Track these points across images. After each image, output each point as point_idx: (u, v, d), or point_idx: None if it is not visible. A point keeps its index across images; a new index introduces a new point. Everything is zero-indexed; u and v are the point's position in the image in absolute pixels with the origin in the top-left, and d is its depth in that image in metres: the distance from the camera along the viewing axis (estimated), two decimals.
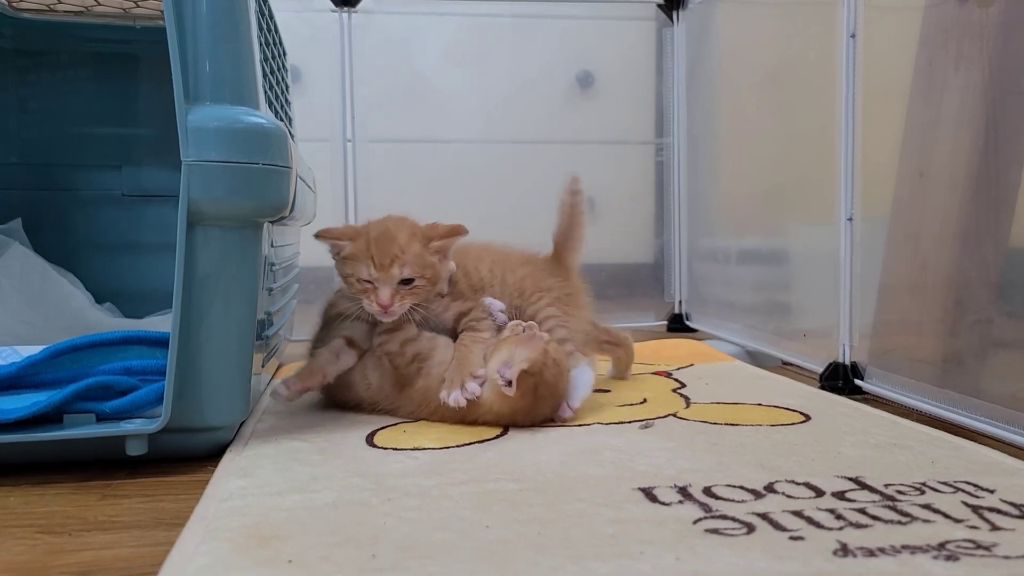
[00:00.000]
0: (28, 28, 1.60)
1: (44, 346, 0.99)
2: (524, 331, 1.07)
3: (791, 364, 1.56)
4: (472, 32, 2.27)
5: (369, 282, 1.07)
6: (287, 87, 1.55)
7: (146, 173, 1.69)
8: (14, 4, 1.54)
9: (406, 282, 1.07)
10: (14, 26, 1.60)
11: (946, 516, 0.74)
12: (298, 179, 1.11)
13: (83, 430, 0.90)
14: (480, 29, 2.27)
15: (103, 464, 0.90)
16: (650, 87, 2.31)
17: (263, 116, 0.98)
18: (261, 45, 1.11)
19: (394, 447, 1.00)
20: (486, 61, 2.27)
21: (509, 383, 1.02)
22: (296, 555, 0.67)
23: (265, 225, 1.03)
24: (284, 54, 1.55)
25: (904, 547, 0.67)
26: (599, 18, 2.30)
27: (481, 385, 1.06)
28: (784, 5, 1.72)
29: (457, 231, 1.11)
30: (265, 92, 1.10)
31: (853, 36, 1.30)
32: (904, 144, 1.30)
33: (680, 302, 2.19)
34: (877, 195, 1.34)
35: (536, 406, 1.06)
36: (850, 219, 1.33)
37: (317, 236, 1.11)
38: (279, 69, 1.42)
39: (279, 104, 1.36)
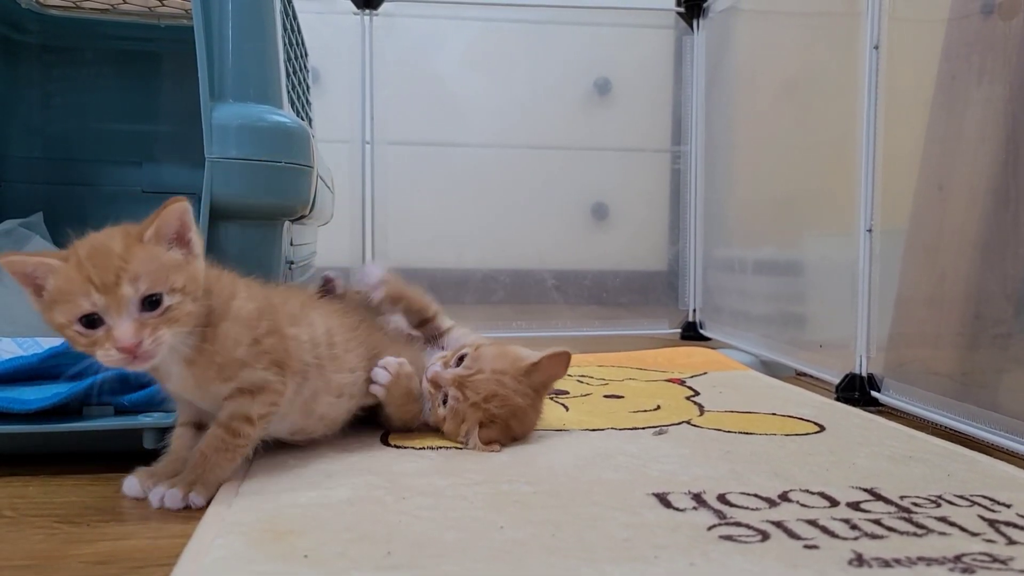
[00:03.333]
0: (54, 24, 1.62)
1: None
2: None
3: (805, 375, 1.56)
4: (491, 36, 2.28)
5: (94, 321, 0.71)
6: (308, 87, 1.56)
7: (166, 170, 1.70)
8: (41, 1, 1.56)
9: (151, 303, 0.72)
10: (40, 22, 1.61)
11: (962, 529, 0.74)
12: (318, 179, 1.11)
13: (101, 422, 0.90)
14: (499, 34, 2.28)
15: (121, 456, 0.91)
16: (667, 95, 2.31)
17: (286, 115, 0.99)
18: (285, 45, 1.12)
19: (408, 446, 1.00)
20: (505, 66, 2.28)
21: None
22: (311, 550, 0.67)
23: (285, 223, 1.04)
24: (306, 55, 1.56)
25: (920, 559, 0.67)
26: (618, 25, 2.31)
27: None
28: (805, 16, 1.72)
29: (175, 205, 0.75)
30: (288, 92, 1.11)
31: (876, 47, 1.30)
32: (924, 156, 1.30)
33: (694, 310, 2.19)
34: (895, 207, 1.34)
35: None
36: (869, 230, 1.33)
37: (3, 264, 0.73)
38: (301, 69, 1.43)
39: (300, 104, 1.37)
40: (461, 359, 1.02)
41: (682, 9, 2.20)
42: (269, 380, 0.83)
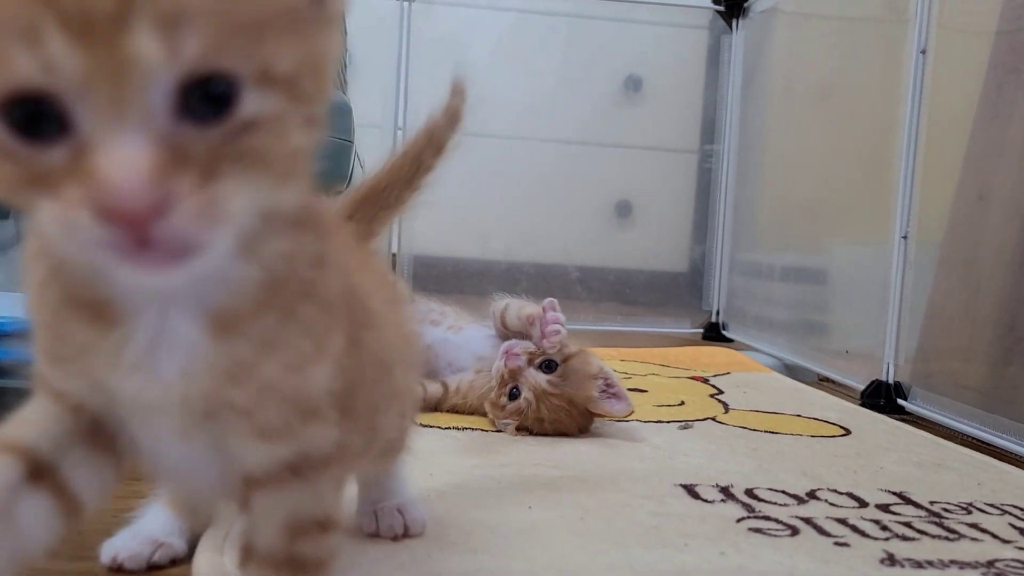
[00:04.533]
0: None
1: None
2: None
3: (829, 380, 1.55)
4: (525, 28, 2.28)
5: (42, 117, 0.27)
6: (345, 67, 1.56)
7: None
8: None
9: (210, 99, 0.28)
10: None
11: (994, 536, 0.73)
12: (356, 155, 1.11)
13: None
14: (533, 25, 2.27)
15: None
16: (698, 95, 2.29)
17: None
18: None
19: (433, 425, 1.01)
20: (536, 58, 2.27)
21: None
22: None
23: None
24: (345, 33, 1.57)
25: (952, 562, 0.66)
26: (653, 23, 2.29)
27: None
28: (848, 20, 1.70)
29: None
30: None
31: (923, 52, 1.29)
32: (965, 165, 1.28)
33: (717, 312, 2.18)
34: (931, 216, 1.32)
35: None
36: (904, 237, 1.31)
37: None
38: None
39: (338, 83, 1.37)
40: (550, 365, 1.00)
41: (722, 8, 2.18)
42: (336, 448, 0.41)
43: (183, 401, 0.34)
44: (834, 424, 1.14)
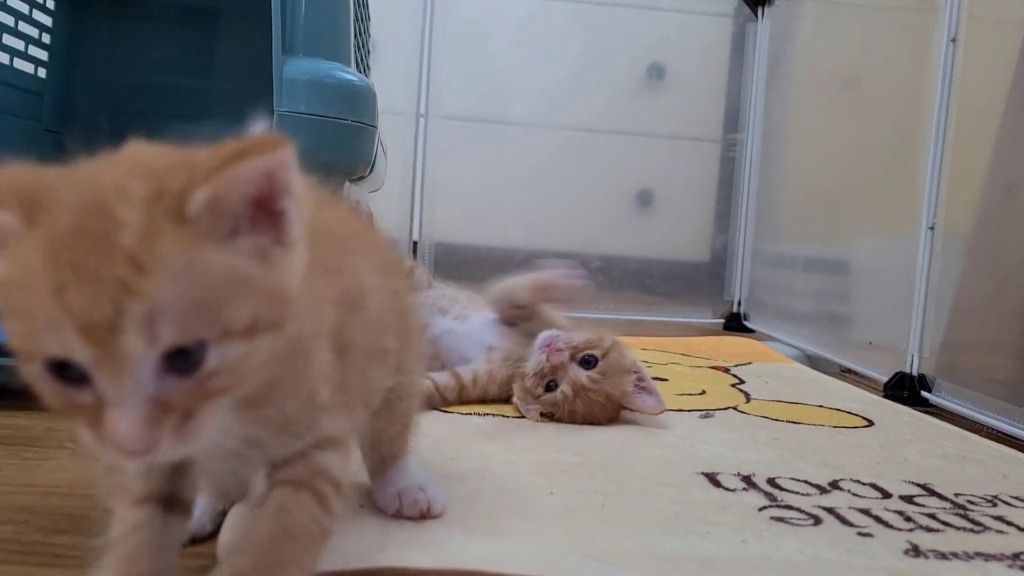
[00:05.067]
0: None
1: None
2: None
3: (851, 371, 1.53)
4: (547, 14, 2.26)
5: (71, 371, 0.35)
6: (368, 52, 1.56)
7: (221, 127, 1.72)
8: None
9: (183, 357, 0.36)
10: None
11: (1020, 529, 0.72)
12: (379, 140, 1.12)
13: None
14: (556, 12, 2.26)
15: None
16: (721, 84, 2.27)
17: (354, 73, 0.99)
18: (353, 5, 1.12)
19: (454, 411, 1.01)
20: (559, 45, 2.26)
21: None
22: (363, 500, 0.68)
23: (345, 183, 1.05)
24: (369, 18, 1.57)
25: (977, 554, 0.66)
26: (676, 10, 2.27)
27: None
28: (876, 8, 1.68)
29: (272, 148, 0.36)
30: (354, 52, 1.11)
31: (953, 40, 1.27)
32: (994, 157, 1.27)
33: (739, 302, 2.17)
34: (958, 209, 1.31)
35: None
36: (931, 228, 1.30)
37: None
38: (363, 33, 1.43)
39: (361, 68, 1.37)
40: (589, 360, 0.99)
41: None
42: (345, 430, 0.49)
43: (215, 450, 0.43)
44: (857, 415, 1.14)
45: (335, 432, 0.47)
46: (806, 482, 0.82)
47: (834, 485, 0.81)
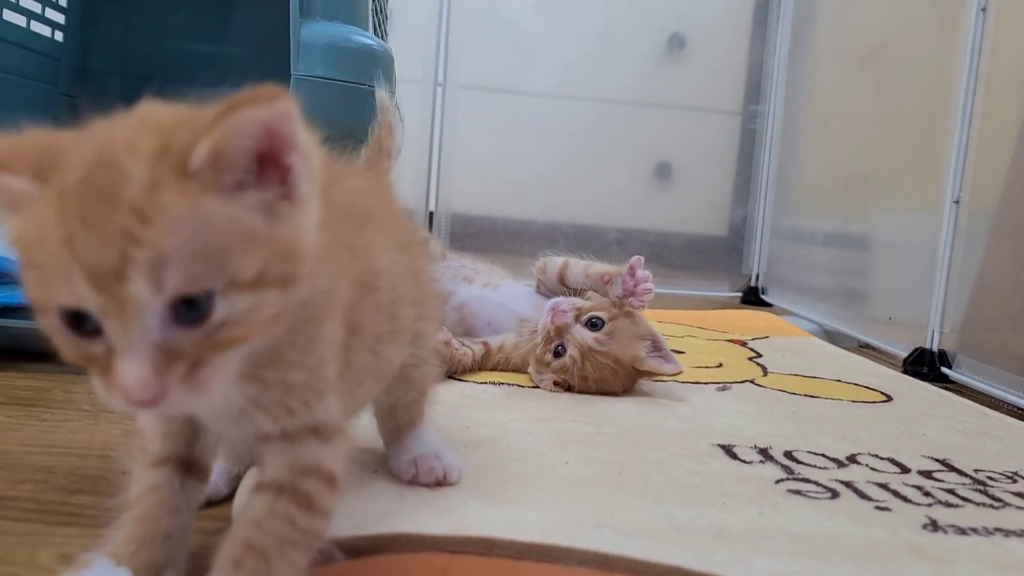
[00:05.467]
0: None
1: None
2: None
3: (869, 346, 1.52)
4: None
5: (84, 321, 0.36)
6: (386, 17, 1.54)
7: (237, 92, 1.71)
8: None
9: (190, 307, 0.36)
10: None
11: None
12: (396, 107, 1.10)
13: None
14: None
15: None
16: (743, 54, 2.24)
17: (372, 38, 0.98)
18: None
19: (469, 379, 1.01)
20: (578, 15, 2.22)
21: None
22: (379, 467, 0.68)
23: (362, 150, 1.04)
24: None
25: (997, 529, 0.65)
26: None
27: None
28: None
29: (269, 100, 0.35)
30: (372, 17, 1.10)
31: (984, 9, 1.24)
32: None
33: (757, 276, 2.15)
34: (984, 183, 1.28)
35: None
36: (956, 201, 1.28)
37: None
38: None
39: (379, 35, 1.35)
40: (595, 322, 0.99)
41: None
42: (340, 419, 0.47)
43: (223, 409, 0.43)
44: (875, 390, 1.13)
45: (331, 418, 0.45)
46: (824, 455, 0.81)
47: (852, 459, 0.81)
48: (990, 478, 0.78)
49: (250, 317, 0.37)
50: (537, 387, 1.00)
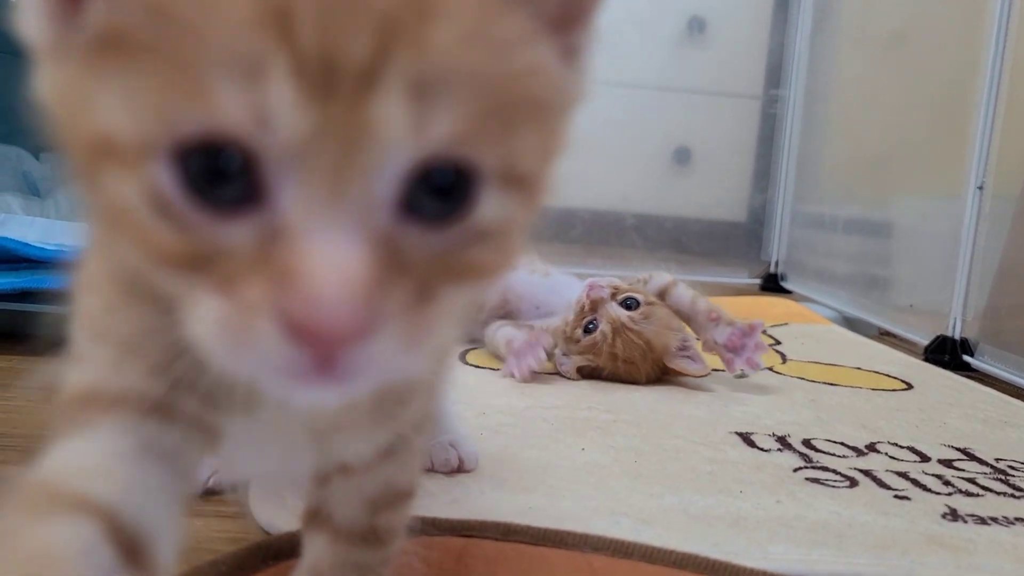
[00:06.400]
0: None
1: None
2: None
3: (890, 334, 1.51)
4: None
5: (225, 177, 0.21)
6: None
7: None
8: None
9: (431, 208, 0.23)
10: None
11: None
12: None
13: None
14: None
15: None
16: (764, 38, 2.21)
17: None
18: None
19: (486, 366, 1.01)
20: None
21: None
22: None
23: None
24: None
25: (1018, 519, 0.64)
26: None
27: None
28: None
29: None
30: None
31: None
32: None
33: (776, 262, 2.13)
34: (1009, 169, 1.26)
35: None
36: (980, 187, 1.26)
37: None
38: None
39: None
40: (630, 303, 0.98)
41: None
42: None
43: (309, 424, 0.32)
44: (895, 378, 1.12)
45: (416, 420, 0.35)
46: (842, 444, 0.81)
47: (871, 447, 0.80)
48: (1011, 467, 0.77)
49: (507, 239, 0.24)
50: (554, 374, 1.00)
